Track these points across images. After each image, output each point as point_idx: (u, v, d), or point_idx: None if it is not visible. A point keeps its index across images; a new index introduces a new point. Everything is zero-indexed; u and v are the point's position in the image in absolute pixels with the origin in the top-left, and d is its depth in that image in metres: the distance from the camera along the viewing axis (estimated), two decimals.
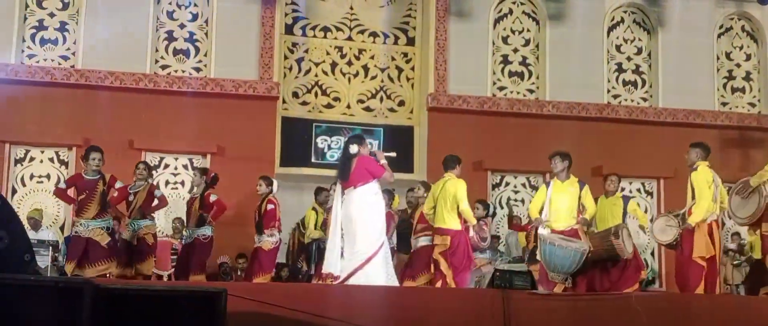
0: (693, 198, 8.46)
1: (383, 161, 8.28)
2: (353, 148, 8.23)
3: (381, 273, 7.84)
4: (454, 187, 8.97)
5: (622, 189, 10.87)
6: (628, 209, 9.97)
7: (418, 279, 9.71)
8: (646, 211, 13.48)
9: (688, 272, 8.30)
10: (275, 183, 10.18)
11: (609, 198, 10.01)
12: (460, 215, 8.95)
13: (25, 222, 10.81)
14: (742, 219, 8.42)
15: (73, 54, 12.47)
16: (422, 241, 9.79)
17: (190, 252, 9.87)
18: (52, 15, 12.55)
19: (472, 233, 9.34)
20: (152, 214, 10.03)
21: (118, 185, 9.47)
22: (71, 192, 9.39)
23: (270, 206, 10.00)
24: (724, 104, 14.22)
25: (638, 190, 13.66)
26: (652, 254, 13.44)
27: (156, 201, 9.87)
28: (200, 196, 9.92)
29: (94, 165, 9.22)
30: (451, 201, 8.93)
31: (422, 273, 9.67)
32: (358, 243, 7.89)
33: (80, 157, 9.57)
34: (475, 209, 10.34)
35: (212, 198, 9.93)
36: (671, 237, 8.64)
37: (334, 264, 8.05)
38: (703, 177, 8.50)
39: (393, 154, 8.69)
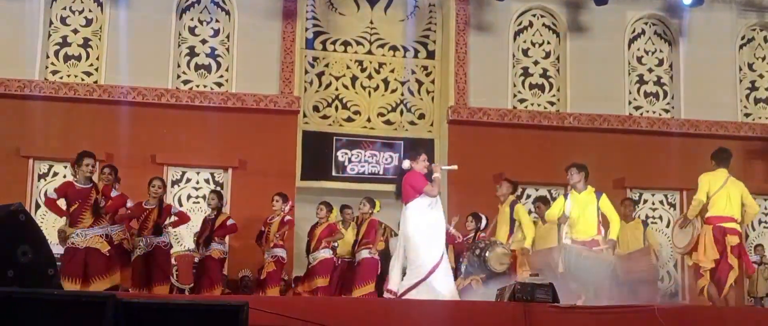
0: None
1: (436, 174, 8.28)
2: (405, 164, 8.34)
3: (443, 285, 7.91)
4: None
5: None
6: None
7: (358, 291, 10.33)
8: (668, 225, 13.41)
9: None
10: (225, 198, 10.36)
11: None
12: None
13: (56, 235, 10.84)
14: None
15: (96, 70, 12.60)
16: (364, 254, 10.56)
17: (150, 262, 9.49)
18: (75, 31, 12.69)
19: None
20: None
21: (113, 194, 9.03)
22: (61, 203, 8.83)
23: (231, 221, 10.29)
24: (747, 115, 14.11)
25: (661, 202, 13.57)
26: (675, 266, 13.34)
27: (126, 210, 9.47)
28: (158, 205, 9.67)
29: (87, 172, 8.68)
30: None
31: (364, 284, 10.35)
32: (418, 258, 7.97)
33: (72, 163, 8.95)
34: (467, 222, 10.57)
35: (173, 209, 9.89)
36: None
37: (394, 281, 8.19)
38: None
39: (454, 167, 8.97)
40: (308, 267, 10.90)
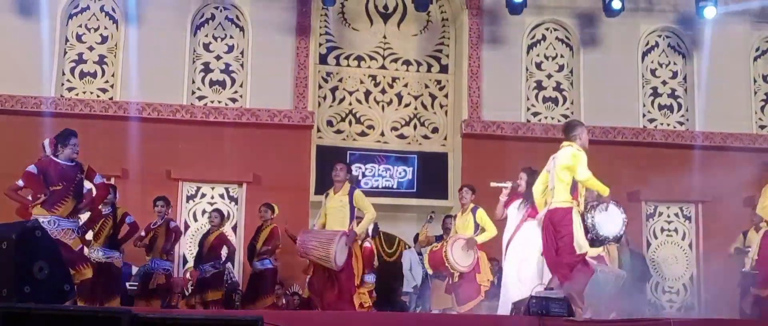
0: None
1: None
2: None
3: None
4: None
5: None
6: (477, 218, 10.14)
7: (259, 303, 10.27)
8: (683, 238, 13.34)
9: None
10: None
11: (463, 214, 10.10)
12: None
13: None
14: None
15: (112, 86, 12.68)
16: (267, 263, 10.48)
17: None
18: (91, 49, 12.79)
19: None
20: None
21: (97, 180, 7.87)
22: (25, 191, 7.56)
23: (130, 219, 9.76)
24: (762, 127, 14.04)
25: (676, 215, 13.50)
26: (691, 279, 13.26)
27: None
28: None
29: (74, 153, 7.52)
30: None
31: (266, 296, 10.36)
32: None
33: (52, 143, 7.63)
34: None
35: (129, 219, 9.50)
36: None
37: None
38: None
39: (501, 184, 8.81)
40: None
